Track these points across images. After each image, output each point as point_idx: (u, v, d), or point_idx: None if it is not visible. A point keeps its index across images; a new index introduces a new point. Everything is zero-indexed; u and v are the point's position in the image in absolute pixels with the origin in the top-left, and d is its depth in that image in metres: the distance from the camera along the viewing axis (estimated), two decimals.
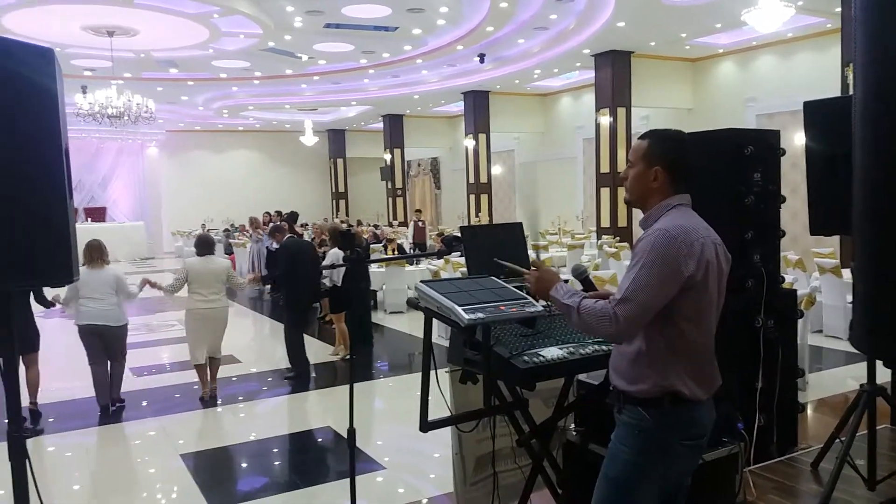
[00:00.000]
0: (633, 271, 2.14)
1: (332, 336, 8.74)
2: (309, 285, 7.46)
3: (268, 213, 14.64)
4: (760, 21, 9.47)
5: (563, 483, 3.02)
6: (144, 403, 6.49)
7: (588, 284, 2.63)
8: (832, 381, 6.52)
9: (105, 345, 6.14)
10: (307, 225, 17.95)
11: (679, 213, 2.25)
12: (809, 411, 5.60)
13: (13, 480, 2.20)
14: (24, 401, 6.05)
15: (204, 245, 6.61)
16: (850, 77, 9.32)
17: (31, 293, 5.99)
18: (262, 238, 13.96)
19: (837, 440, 4.04)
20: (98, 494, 4.56)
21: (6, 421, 2.26)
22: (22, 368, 5.83)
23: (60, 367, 8.02)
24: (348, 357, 7.56)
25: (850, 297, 7.99)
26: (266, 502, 4.32)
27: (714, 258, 2.22)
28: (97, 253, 6.11)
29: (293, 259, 7.35)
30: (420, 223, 17.28)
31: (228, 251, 17.88)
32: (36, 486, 2.23)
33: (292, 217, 12.10)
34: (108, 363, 6.22)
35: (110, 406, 6.20)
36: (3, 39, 2.14)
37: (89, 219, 23.01)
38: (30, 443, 2.28)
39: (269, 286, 12.87)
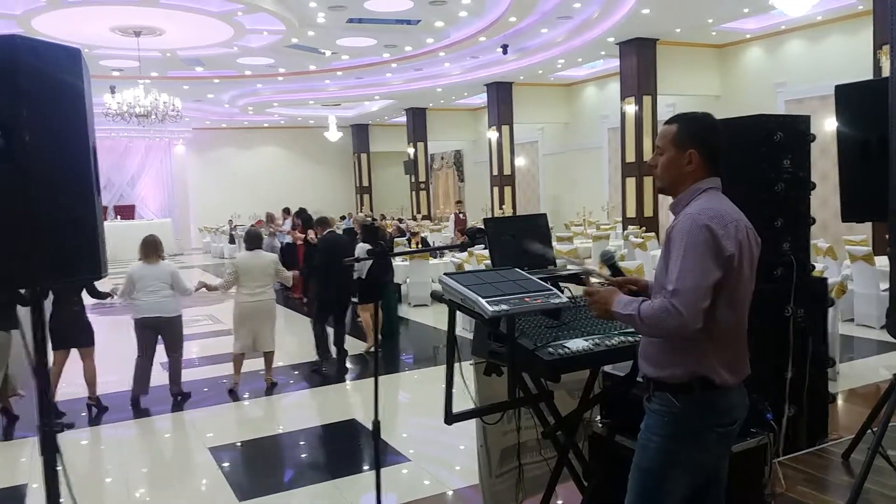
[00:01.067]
0: (677, 260, 2.10)
1: (360, 330, 8.79)
2: (339, 279, 7.56)
3: (287, 209, 14.86)
4: (789, 4, 9.26)
5: (589, 475, 3.01)
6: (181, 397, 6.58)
7: (616, 270, 2.59)
8: (864, 370, 6.40)
9: (163, 337, 6.36)
10: (346, 217, 18.15)
11: (710, 196, 2.22)
12: (840, 401, 5.50)
13: (44, 474, 2.24)
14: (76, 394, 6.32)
15: (253, 240, 6.84)
16: (883, 60, 9.10)
17: (85, 288, 6.16)
18: (276, 233, 14.16)
19: (869, 431, 3.96)
20: (128, 488, 4.64)
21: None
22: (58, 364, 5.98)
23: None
24: (372, 350, 7.63)
25: (883, 286, 7.83)
26: (292, 494, 4.37)
27: (746, 241, 2.20)
28: (152, 248, 6.36)
29: (331, 253, 7.41)
30: (461, 215, 17.33)
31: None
32: (67, 480, 2.27)
33: (301, 215, 12.51)
34: (152, 360, 6.40)
35: (140, 402, 6.36)
36: (31, 39, 2.17)
37: (118, 216, 23.39)
38: (62, 437, 2.32)
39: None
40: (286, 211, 14.93)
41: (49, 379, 2.26)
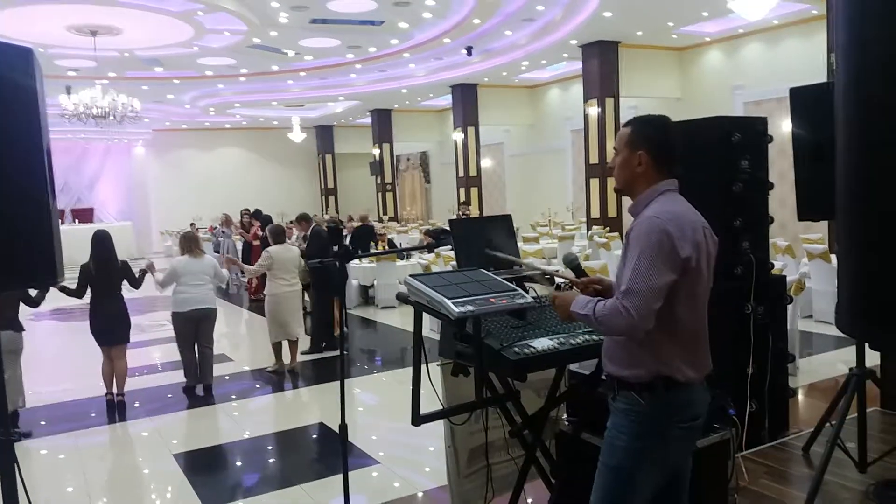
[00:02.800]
0: (632, 261, 2.13)
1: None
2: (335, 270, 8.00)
3: (247, 210, 14.83)
4: (746, 9, 9.47)
5: (557, 473, 3.03)
6: (137, 404, 6.45)
7: (579, 271, 2.62)
8: (822, 365, 6.56)
9: (199, 330, 6.59)
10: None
11: (668, 198, 2.26)
12: (800, 396, 5.64)
13: (1, 483, 2.18)
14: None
15: (279, 234, 7.40)
16: (835, 63, 9.35)
17: (128, 282, 6.36)
18: (228, 234, 14.44)
19: (828, 424, 4.07)
20: (91, 496, 4.54)
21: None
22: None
23: (48, 370, 7.98)
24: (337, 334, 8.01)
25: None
26: (260, 500, 4.32)
27: (704, 242, 2.24)
28: (193, 243, 6.70)
29: (324, 247, 7.91)
30: (464, 216, 17.25)
31: (217, 249, 17.90)
32: (25, 489, 2.21)
33: (257, 216, 13.13)
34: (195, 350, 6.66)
35: (196, 390, 6.68)
36: None
37: (76, 220, 22.86)
38: (19, 446, 2.25)
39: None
40: (247, 212, 14.84)
41: (3, 386, 2.19)
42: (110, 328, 6.27)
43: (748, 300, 4.26)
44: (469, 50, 14.14)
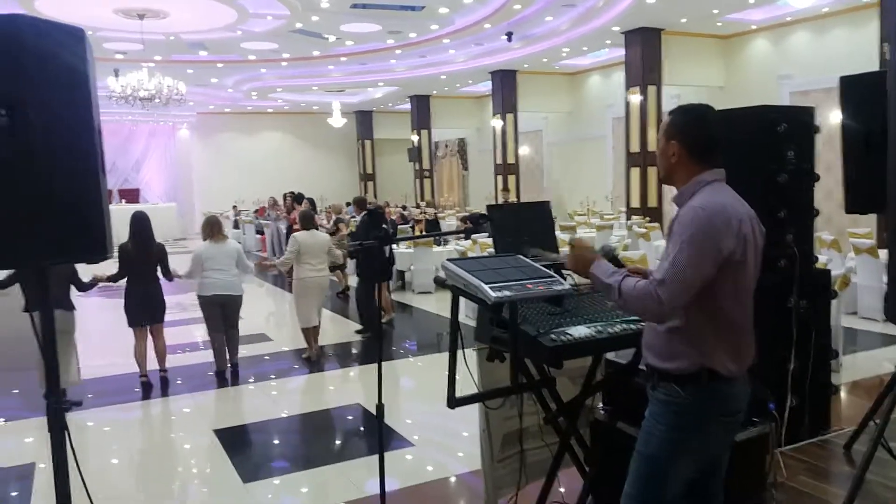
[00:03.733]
0: (673, 251, 2.12)
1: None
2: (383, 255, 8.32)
3: (291, 192, 15.07)
4: None
5: (591, 461, 3.03)
6: (179, 381, 6.61)
7: (616, 264, 2.61)
8: (867, 363, 6.40)
9: (224, 314, 6.65)
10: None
11: (714, 189, 2.23)
12: (843, 393, 5.51)
13: (52, 452, 2.26)
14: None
15: (309, 220, 7.40)
16: (889, 52, 9.05)
17: (160, 269, 6.41)
18: (280, 218, 14.38)
19: (871, 422, 3.98)
20: (134, 468, 4.68)
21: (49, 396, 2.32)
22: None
23: (99, 345, 8.21)
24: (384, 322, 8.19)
25: (886, 278, 7.82)
26: (296, 478, 4.40)
27: (751, 233, 2.21)
28: (217, 228, 6.71)
29: (370, 230, 7.97)
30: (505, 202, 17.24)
31: (259, 231, 18.23)
32: (75, 458, 2.29)
33: (299, 199, 13.33)
34: (224, 332, 6.75)
35: (227, 371, 6.76)
36: (35, 19, 2.17)
37: (123, 200, 23.40)
38: (70, 416, 2.33)
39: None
40: (292, 194, 15.10)
41: (55, 356, 2.27)
42: (149, 308, 6.34)
43: (791, 294, 4.18)
44: (509, 36, 14.02)
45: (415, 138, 22.79)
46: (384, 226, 8.64)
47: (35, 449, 4.95)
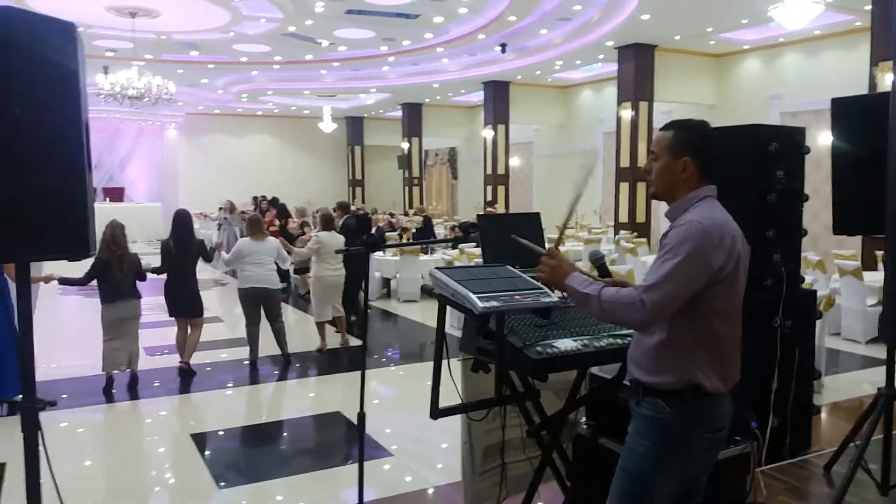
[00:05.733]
0: (664, 261, 2.11)
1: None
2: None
3: (264, 196, 15.20)
4: (788, 17, 9.30)
5: (572, 476, 3.00)
6: (157, 383, 6.53)
7: (604, 271, 2.60)
8: (848, 384, 6.44)
9: (264, 307, 7.08)
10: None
11: (707, 204, 2.22)
12: (824, 414, 5.53)
13: (25, 452, 2.21)
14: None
15: (329, 221, 7.87)
16: (879, 76, 9.15)
17: (202, 258, 6.89)
18: (231, 220, 14.89)
19: (852, 444, 3.98)
20: (108, 470, 4.60)
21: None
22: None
23: (72, 344, 8.10)
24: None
25: (870, 300, 7.88)
26: (274, 484, 4.34)
27: (742, 250, 2.21)
28: (258, 226, 7.21)
29: (353, 235, 8.54)
30: None
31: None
32: (48, 459, 2.24)
33: (273, 203, 13.69)
34: (259, 326, 7.15)
35: (281, 360, 7.21)
36: (25, 12, 2.14)
37: (108, 198, 23.17)
38: (43, 416, 2.28)
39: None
40: (263, 198, 15.31)
41: (32, 354, 2.22)
42: (189, 301, 6.73)
43: (777, 313, 4.19)
44: (503, 47, 14.07)
45: (405, 146, 22.78)
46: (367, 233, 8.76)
47: (6, 448, 4.84)
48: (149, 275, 6.47)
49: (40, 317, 9.47)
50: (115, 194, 23.76)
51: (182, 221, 6.73)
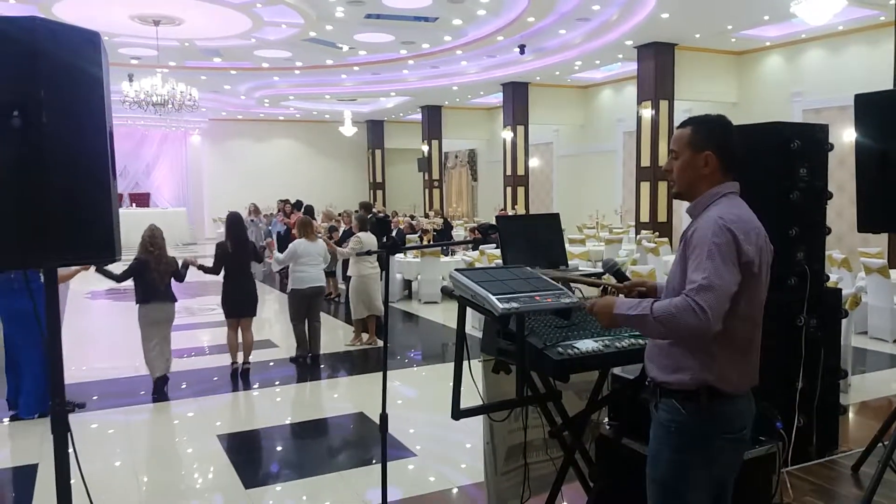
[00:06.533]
0: (699, 260, 2.04)
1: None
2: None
3: (287, 200, 15.52)
4: (810, 13, 9.19)
5: (595, 476, 3.00)
6: (184, 385, 6.62)
7: (620, 276, 2.59)
8: (876, 383, 6.34)
9: (311, 304, 7.35)
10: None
11: (730, 201, 2.19)
12: (851, 414, 5.45)
13: (55, 452, 2.26)
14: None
15: (365, 222, 8.37)
16: None
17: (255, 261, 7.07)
18: (257, 222, 15.19)
19: (880, 444, 3.93)
20: (136, 471, 4.67)
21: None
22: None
23: (106, 347, 8.23)
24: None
25: None
26: (298, 485, 4.38)
27: (765, 248, 2.18)
28: (310, 228, 7.49)
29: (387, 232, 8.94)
30: None
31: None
32: (77, 459, 2.29)
33: (298, 206, 14.11)
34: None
35: (306, 360, 7.38)
36: (51, 22, 2.18)
37: (134, 204, 23.52)
38: (73, 417, 2.33)
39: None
40: (286, 202, 15.61)
41: (61, 357, 2.27)
42: (248, 302, 6.91)
43: (801, 312, 4.14)
44: (522, 48, 14.06)
45: (425, 148, 22.84)
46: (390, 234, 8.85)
47: (38, 449, 4.95)
48: (194, 273, 6.60)
49: (70, 319, 9.65)
50: (141, 200, 24.13)
51: (237, 223, 6.99)
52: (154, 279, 6.17)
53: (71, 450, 2.27)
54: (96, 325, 10.21)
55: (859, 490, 3.91)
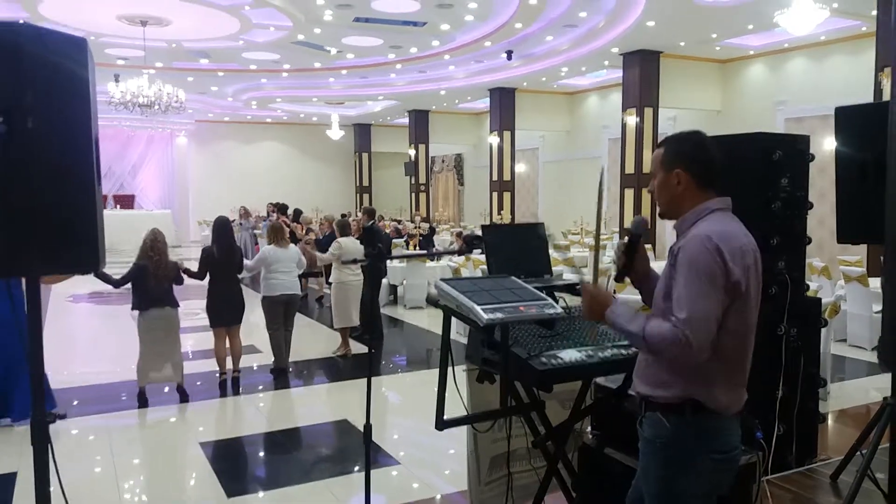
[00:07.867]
0: (685, 286, 2.04)
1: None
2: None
3: (276, 203, 15.50)
4: (794, 23, 9.31)
5: (578, 486, 3.02)
6: (166, 390, 6.57)
7: (634, 246, 2.48)
8: (855, 391, 6.41)
9: (286, 312, 7.16)
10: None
11: (719, 217, 2.17)
12: (830, 422, 5.52)
13: (35, 463, 2.24)
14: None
15: (346, 227, 8.09)
16: (885, 82, 9.14)
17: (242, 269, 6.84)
18: (246, 226, 15.18)
19: (858, 453, 3.98)
20: (118, 478, 4.63)
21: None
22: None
23: (89, 352, 8.16)
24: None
25: (875, 307, 7.85)
26: (282, 493, 4.37)
27: (754, 266, 2.16)
28: (281, 234, 7.24)
29: (374, 241, 8.66)
30: None
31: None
32: (56, 469, 2.27)
33: (283, 209, 14.22)
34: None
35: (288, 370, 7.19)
36: (38, 28, 2.18)
37: (118, 206, 23.33)
38: (53, 424, 2.31)
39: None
40: (276, 205, 15.58)
41: (42, 367, 2.25)
42: (235, 310, 6.70)
43: (782, 321, 4.19)
44: (509, 54, 14.11)
45: (412, 152, 22.85)
46: (378, 244, 8.73)
47: (16, 458, 4.89)
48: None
49: (52, 324, 9.54)
50: (126, 202, 23.93)
51: (225, 228, 6.77)
52: (153, 285, 5.98)
53: (51, 461, 2.26)
54: (79, 329, 10.11)
55: (838, 499, 3.96)
